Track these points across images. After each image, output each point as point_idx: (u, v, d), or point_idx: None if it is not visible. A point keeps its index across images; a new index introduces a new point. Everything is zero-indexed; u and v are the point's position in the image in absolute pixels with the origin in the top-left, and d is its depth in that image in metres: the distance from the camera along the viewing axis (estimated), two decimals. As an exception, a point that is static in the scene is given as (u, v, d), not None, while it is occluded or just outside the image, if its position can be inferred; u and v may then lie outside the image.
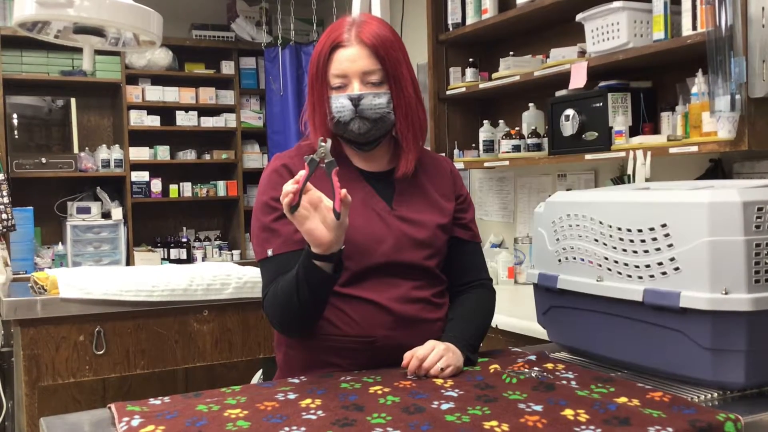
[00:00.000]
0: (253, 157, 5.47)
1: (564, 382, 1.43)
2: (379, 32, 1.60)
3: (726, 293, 1.31)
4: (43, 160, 4.76)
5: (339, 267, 1.50)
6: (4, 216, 4.09)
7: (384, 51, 1.58)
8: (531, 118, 3.39)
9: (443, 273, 1.71)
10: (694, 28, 2.44)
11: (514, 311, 2.72)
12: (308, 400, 1.33)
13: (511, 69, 3.33)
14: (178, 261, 5.14)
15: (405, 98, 1.62)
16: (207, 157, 5.34)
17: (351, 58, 1.57)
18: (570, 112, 2.92)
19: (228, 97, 5.35)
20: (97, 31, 2.64)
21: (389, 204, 1.65)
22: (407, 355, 1.51)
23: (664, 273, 1.39)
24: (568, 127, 2.93)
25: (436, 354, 1.50)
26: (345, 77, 1.58)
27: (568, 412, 1.24)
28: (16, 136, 4.83)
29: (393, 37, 1.62)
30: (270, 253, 1.60)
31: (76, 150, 4.99)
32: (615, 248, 1.49)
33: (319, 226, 1.43)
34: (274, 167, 1.66)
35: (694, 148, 2.45)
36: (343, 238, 1.47)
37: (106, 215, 4.99)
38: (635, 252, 1.45)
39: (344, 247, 1.56)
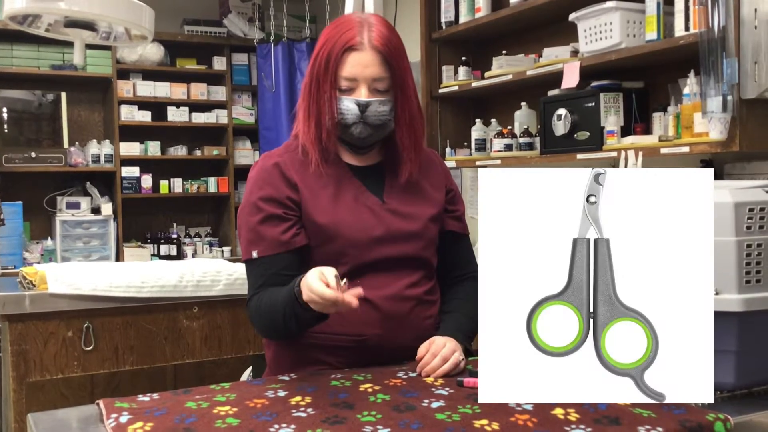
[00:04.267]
0: (244, 154, 5.45)
1: (554, 381, 1.43)
2: (391, 39, 1.60)
3: (717, 293, 1.31)
4: (33, 155, 4.73)
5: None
6: (-8, 210, 4.07)
7: (394, 59, 1.59)
8: (523, 117, 3.39)
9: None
10: (687, 28, 2.45)
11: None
12: (298, 398, 1.33)
13: (503, 68, 3.32)
14: (168, 257, 5.12)
15: (408, 107, 1.63)
16: (198, 153, 5.32)
17: (363, 63, 1.56)
18: (562, 111, 2.92)
19: (219, 93, 5.34)
20: (89, 25, 2.63)
21: (380, 198, 1.64)
22: (423, 349, 1.53)
23: (655, 273, 1.39)
24: (560, 127, 2.93)
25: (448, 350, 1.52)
26: (354, 81, 1.57)
27: (559, 411, 1.24)
28: (6, 130, 4.80)
29: (401, 45, 1.62)
30: (255, 255, 1.59)
31: (66, 145, 4.96)
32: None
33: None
34: (263, 166, 1.64)
35: (686, 149, 2.46)
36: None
37: (96, 210, 4.97)
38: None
39: (338, 243, 1.57)
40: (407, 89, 1.63)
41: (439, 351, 1.51)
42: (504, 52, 3.41)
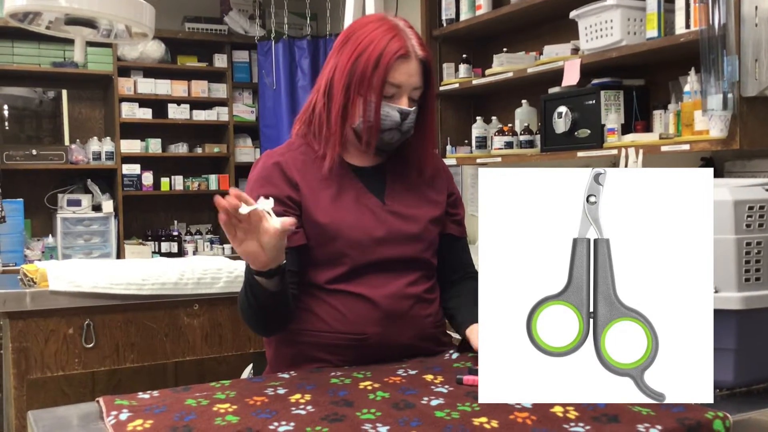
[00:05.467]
0: (245, 151, 5.46)
1: (554, 379, 1.43)
2: (428, 48, 1.61)
3: (716, 291, 1.31)
4: (34, 152, 4.74)
5: (282, 280, 1.47)
6: (-7, 208, 4.07)
7: (430, 69, 1.61)
8: (524, 114, 3.40)
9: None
10: (688, 26, 2.45)
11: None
12: (298, 395, 1.33)
13: (504, 65, 3.33)
14: (169, 254, 5.12)
15: (431, 117, 1.66)
16: (199, 150, 5.33)
17: (410, 72, 1.56)
18: (563, 109, 2.92)
19: (220, 90, 5.34)
20: (89, 23, 2.63)
21: (381, 199, 1.65)
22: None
23: (654, 271, 1.39)
24: (561, 125, 2.93)
25: None
26: (398, 88, 1.57)
27: (558, 409, 1.24)
28: (7, 128, 4.80)
29: None
30: None
31: (66, 142, 4.97)
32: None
33: (255, 246, 1.36)
34: (264, 165, 1.64)
35: (686, 147, 2.46)
36: (282, 256, 1.41)
37: (97, 208, 4.97)
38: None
39: (338, 243, 1.56)
40: (433, 99, 1.66)
41: None
42: (505, 49, 3.41)
